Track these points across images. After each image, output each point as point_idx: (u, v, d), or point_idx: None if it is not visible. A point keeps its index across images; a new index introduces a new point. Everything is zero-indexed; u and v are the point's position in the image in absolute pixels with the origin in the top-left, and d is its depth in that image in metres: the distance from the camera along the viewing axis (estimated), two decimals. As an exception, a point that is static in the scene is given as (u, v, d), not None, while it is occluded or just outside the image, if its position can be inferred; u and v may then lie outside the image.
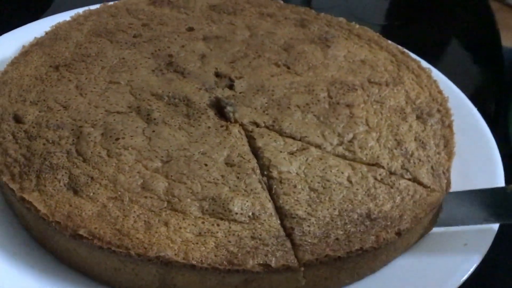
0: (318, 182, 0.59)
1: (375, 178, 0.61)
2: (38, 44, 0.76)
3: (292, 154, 0.62)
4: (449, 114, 0.71)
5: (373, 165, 0.62)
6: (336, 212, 0.57)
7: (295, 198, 0.57)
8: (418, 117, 0.70)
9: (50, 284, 0.54)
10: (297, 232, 0.55)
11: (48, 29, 0.79)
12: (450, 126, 0.69)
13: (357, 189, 0.59)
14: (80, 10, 0.83)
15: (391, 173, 0.62)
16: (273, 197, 0.58)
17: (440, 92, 0.74)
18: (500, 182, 0.67)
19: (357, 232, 0.55)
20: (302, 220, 0.55)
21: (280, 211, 0.57)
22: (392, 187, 0.60)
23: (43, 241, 0.57)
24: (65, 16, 0.82)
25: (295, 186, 0.59)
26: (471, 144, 0.72)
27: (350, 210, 0.57)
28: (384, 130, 0.67)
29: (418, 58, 0.81)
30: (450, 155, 0.65)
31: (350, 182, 0.60)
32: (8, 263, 0.55)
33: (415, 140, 0.66)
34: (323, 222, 0.56)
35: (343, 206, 0.58)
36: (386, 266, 0.58)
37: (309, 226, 0.55)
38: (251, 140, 0.63)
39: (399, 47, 0.83)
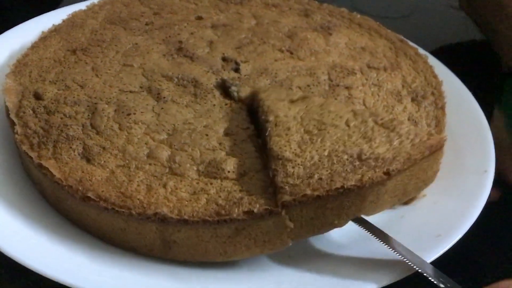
0: (314, 125, 0.61)
1: (376, 122, 0.62)
2: (56, 30, 0.81)
3: (293, 102, 0.65)
4: (442, 97, 0.74)
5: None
6: (326, 153, 0.59)
7: (286, 140, 0.60)
8: (413, 100, 0.74)
9: (64, 245, 0.59)
10: (281, 174, 0.58)
11: (65, 17, 0.84)
12: (442, 108, 0.73)
13: (353, 132, 0.61)
14: (95, 0, 0.88)
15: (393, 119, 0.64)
16: (266, 139, 0.61)
17: (435, 76, 0.78)
18: (491, 164, 0.70)
19: (342, 171, 0.57)
20: (288, 161, 0.58)
21: (269, 154, 0.60)
22: (392, 131, 0.61)
23: (57, 205, 0.62)
24: (81, 6, 0.87)
25: (288, 129, 0.61)
26: (464, 127, 0.76)
27: (341, 151, 0.59)
28: (380, 109, 0.71)
29: (415, 46, 0.85)
30: (440, 134, 0.69)
31: (348, 125, 0.61)
32: (25, 225, 0.60)
33: (408, 119, 0.70)
34: (310, 163, 0.58)
35: (334, 147, 0.59)
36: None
37: (293, 167, 0.58)
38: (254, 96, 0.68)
39: (398, 35, 0.86)
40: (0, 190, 0.63)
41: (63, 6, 0.91)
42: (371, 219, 0.60)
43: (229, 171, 0.60)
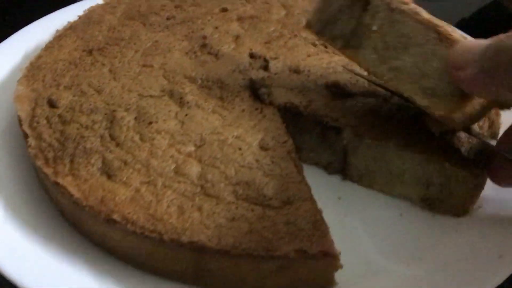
0: None
1: None
2: (71, 28, 0.75)
3: None
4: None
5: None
6: None
7: None
8: None
9: (86, 267, 0.54)
10: None
11: (81, 13, 0.78)
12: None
13: None
14: (113, -6, 0.82)
15: None
16: None
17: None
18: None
19: None
20: None
21: None
22: None
23: (77, 225, 0.57)
24: (98, 0, 0.81)
25: None
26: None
27: None
28: None
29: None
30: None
31: None
32: (44, 247, 0.55)
33: None
34: None
35: None
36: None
37: None
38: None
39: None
40: (16, 209, 0.58)
41: (79, 0, 0.85)
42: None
43: (271, 198, 0.53)
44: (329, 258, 0.50)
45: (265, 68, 0.68)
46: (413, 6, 0.55)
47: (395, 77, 0.55)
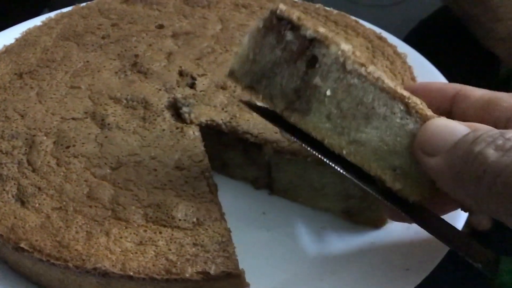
0: None
1: None
2: (7, 51, 0.76)
3: None
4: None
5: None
6: None
7: None
8: None
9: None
10: None
11: (19, 35, 0.79)
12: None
13: None
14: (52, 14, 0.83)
15: None
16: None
17: (413, 78, 0.70)
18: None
19: None
20: None
21: None
22: None
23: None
24: (37, 22, 0.82)
25: None
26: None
27: None
28: None
29: (397, 41, 0.77)
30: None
31: None
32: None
33: None
34: None
35: None
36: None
37: None
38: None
39: (377, 31, 0.79)
40: None
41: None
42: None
43: (180, 219, 0.54)
44: (232, 279, 0.50)
45: (192, 85, 0.68)
46: (372, 69, 0.46)
47: (357, 152, 0.47)
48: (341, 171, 0.49)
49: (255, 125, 0.63)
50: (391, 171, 0.46)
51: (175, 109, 0.65)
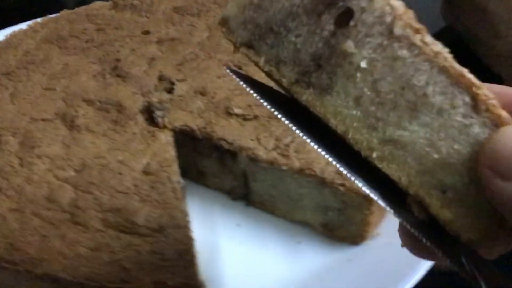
0: None
1: None
2: (-12, 54, 0.74)
3: None
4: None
5: (304, 170, 0.56)
6: None
7: None
8: None
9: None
10: None
11: (3, 38, 0.78)
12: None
13: None
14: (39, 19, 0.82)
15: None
16: None
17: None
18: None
19: None
20: None
21: None
22: None
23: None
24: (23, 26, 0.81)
25: None
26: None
27: None
28: None
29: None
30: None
31: None
32: None
33: None
34: None
35: None
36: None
37: None
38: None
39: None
40: None
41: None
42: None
43: (140, 226, 0.51)
44: (191, 290, 0.47)
45: (170, 90, 0.66)
46: (430, 39, 0.30)
47: (393, 158, 0.32)
48: (362, 186, 0.33)
49: (231, 131, 0.60)
50: (439, 192, 0.31)
51: (149, 113, 0.62)
